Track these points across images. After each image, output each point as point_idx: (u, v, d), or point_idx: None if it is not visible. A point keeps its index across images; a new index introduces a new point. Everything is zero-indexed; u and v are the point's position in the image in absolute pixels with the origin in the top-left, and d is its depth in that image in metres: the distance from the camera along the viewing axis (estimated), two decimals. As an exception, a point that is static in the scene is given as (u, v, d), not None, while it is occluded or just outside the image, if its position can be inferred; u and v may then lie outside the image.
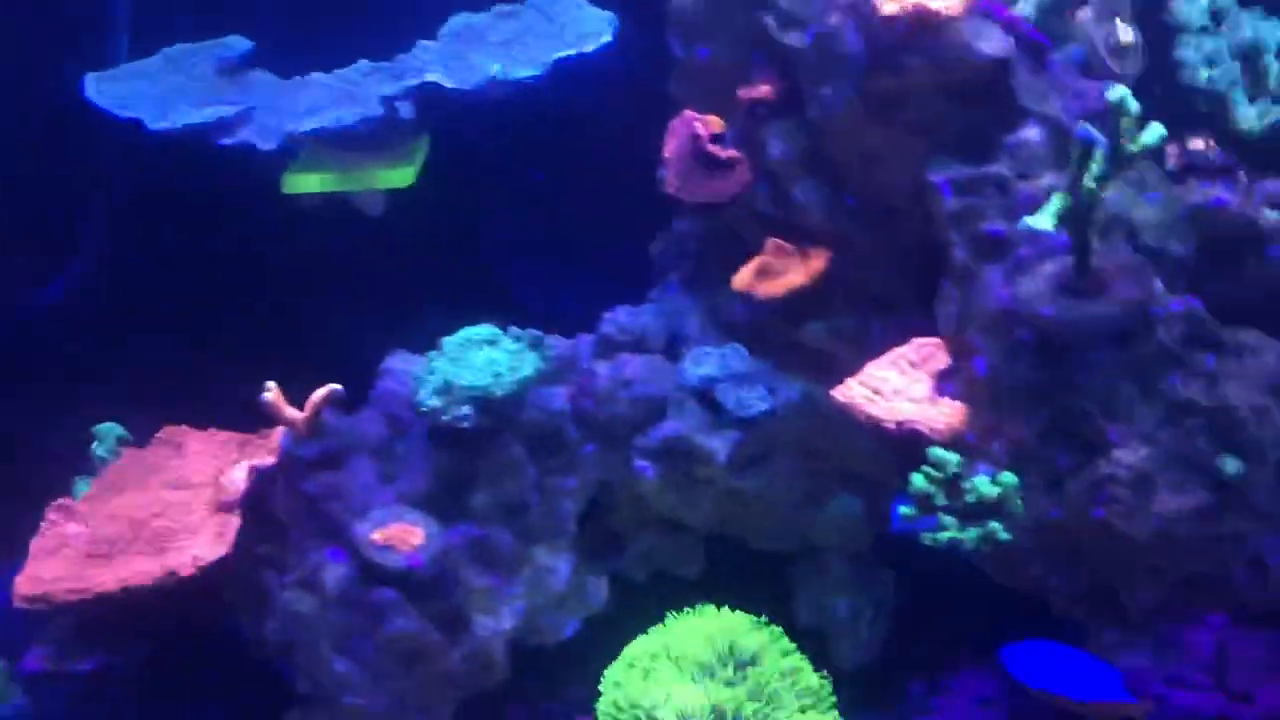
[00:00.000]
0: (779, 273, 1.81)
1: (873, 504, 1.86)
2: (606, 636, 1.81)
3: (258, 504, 1.78)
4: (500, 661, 1.78)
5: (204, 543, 1.76)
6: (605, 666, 1.76)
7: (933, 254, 1.73)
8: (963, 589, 1.76)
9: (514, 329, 1.80)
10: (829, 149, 1.76)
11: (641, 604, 1.87)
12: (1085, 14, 1.75)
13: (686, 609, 1.81)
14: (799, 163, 1.79)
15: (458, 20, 2.14)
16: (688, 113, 1.88)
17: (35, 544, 1.84)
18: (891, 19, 1.56)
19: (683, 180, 1.86)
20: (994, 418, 1.56)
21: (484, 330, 1.76)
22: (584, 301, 1.98)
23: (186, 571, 1.72)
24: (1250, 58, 1.78)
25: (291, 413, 1.73)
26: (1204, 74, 1.77)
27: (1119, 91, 1.41)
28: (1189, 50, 1.80)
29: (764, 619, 1.82)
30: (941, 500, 1.52)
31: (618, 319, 1.92)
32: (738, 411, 1.81)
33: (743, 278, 1.84)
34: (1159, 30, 1.81)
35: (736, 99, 1.83)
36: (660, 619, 1.81)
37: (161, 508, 1.87)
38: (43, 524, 1.87)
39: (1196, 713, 1.68)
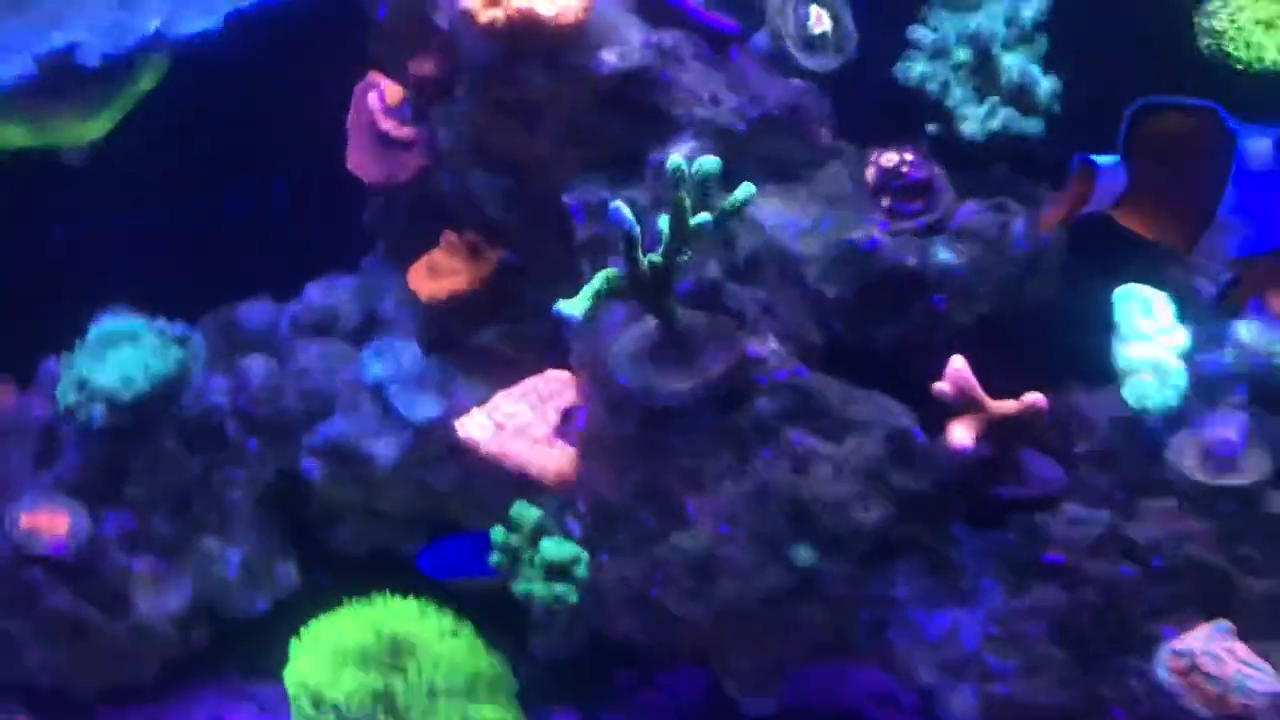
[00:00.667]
0: (446, 272, 1.69)
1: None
2: (318, 604, 1.83)
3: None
4: (167, 635, 1.81)
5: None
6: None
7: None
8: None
9: (161, 322, 1.73)
10: (488, 144, 1.60)
11: (355, 578, 1.89)
12: (775, -5, 1.52)
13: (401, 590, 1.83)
14: (466, 152, 1.64)
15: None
16: (371, 76, 1.73)
17: None
18: (491, 26, 1.38)
19: (362, 157, 1.74)
20: (589, 472, 1.46)
21: (126, 325, 1.71)
22: (298, 267, 1.90)
23: None
24: (980, 48, 1.54)
25: (-61, 396, 1.72)
26: (918, 69, 1.54)
27: (676, 160, 1.23)
28: (922, 31, 1.57)
29: (433, 607, 1.82)
30: (526, 555, 1.45)
31: (311, 295, 1.85)
32: (406, 415, 1.74)
33: (415, 272, 1.73)
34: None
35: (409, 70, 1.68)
36: (372, 591, 1.84)
37: None
38: None
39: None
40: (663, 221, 1.42)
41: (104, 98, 1.87)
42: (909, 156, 1.53)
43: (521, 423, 1.54)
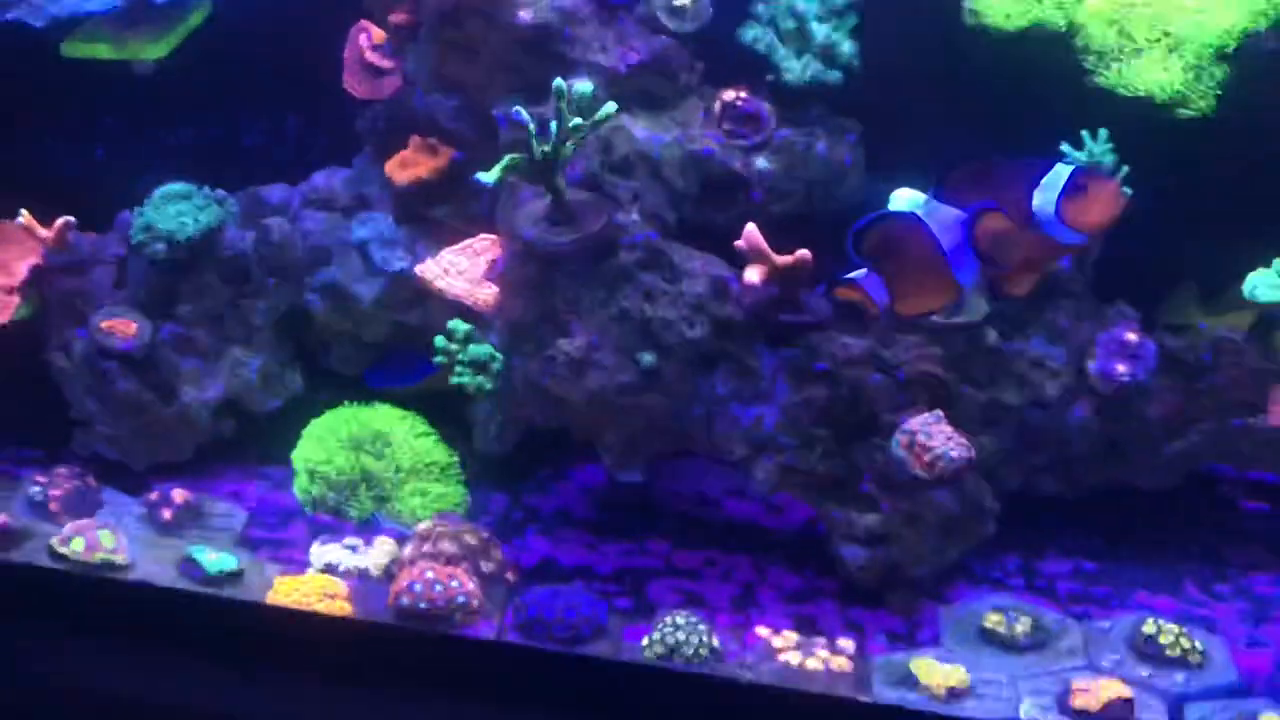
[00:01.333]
0: (413, 165, 2.34)
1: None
2: (315, 411, 2.48)
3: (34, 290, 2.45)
4: (204, 419, 2.45)
5: (-4, 314, 2.43)
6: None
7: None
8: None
9: (206, 188, 2.37)
10: (443, 73, 2.23)
11: (342, 392, 2.52)
12: (653, -26, 2.14)
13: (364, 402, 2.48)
14: (427, 78, 2.28)
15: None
16: (363, 22, 2.36)
17: None
18: (446, -11, 2.02)
19: (353, 80, 2.37)
20: (505, 302, 2.12)
21: (180, 187, 2.36)
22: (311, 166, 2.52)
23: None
24: (799, 20, 2.18)
25: (42, 232, 2.37)
26: (750, 33, 2.17)
27: (558, 82, 1.87)
28: (762, 7, 2.19)
29: (410, 414, 2.46)
30: (460, 356, 2.11)
31: (316, 181, 2.48)
32: (382, 266, 2.39)
33: (390, 164, 2.37)
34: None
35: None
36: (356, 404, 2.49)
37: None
38: None
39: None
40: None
41: (166, 27, 2.49)
42: (743, 94, 2.17)
43: (461, 268, 2.20)
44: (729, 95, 2.16)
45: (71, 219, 2.37)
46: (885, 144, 2.24)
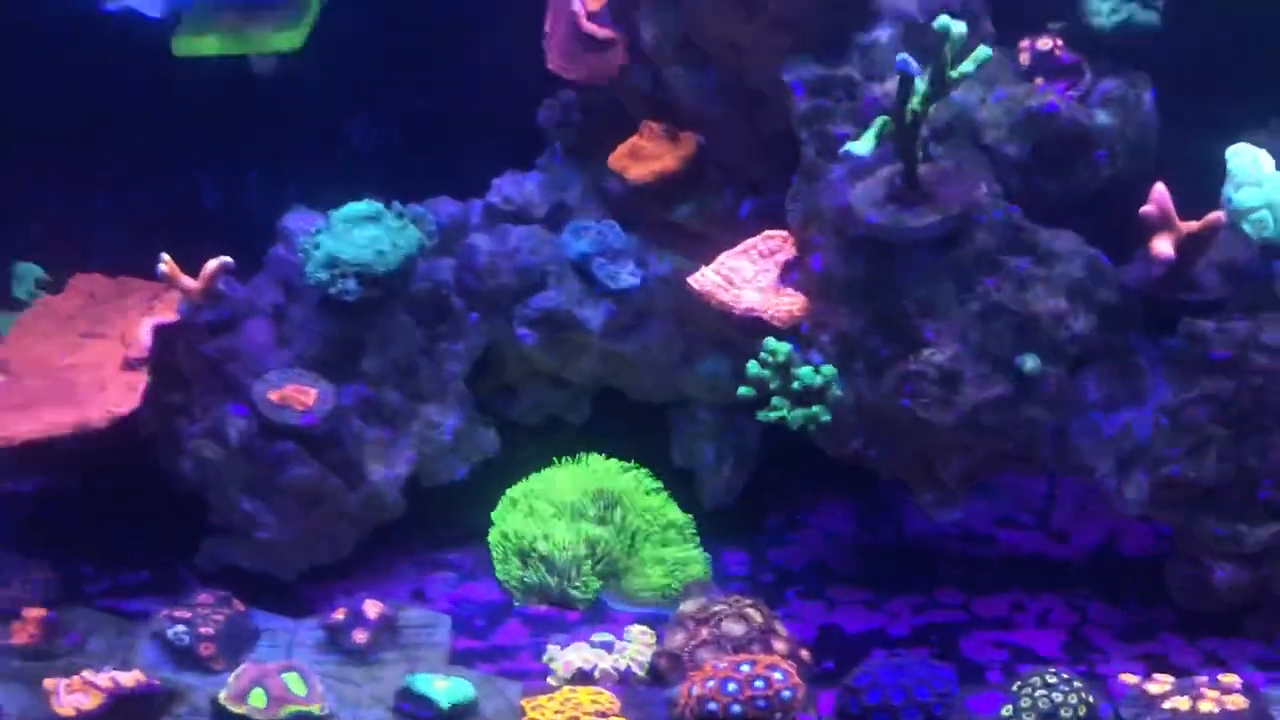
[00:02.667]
0: (650, 156, 1.90)
1: (739, 364, 2.00)
2: (505, 475, 2.02)
3: (163, 359, 1.91)
4: (394, 502, 1.96)
5: (116, 395, 1.87)
6: (497, 499, 1.99)
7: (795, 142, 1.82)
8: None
9: (396, 205, 1.88)
10: (698, 37, 1.81)
11: (533, 448, 2.07)
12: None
13: (566, 456, 2.01)
14: (671, 48, 1.84)
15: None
16: (568, -13, 1.91)
17: (-39, 391, 1.96)
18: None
19: (564, 58, 1.92)
20: (826, 310, 1.69)
21: (367, 207, 1.85)
22: (476, 165, 2.06)
23: (101, 424, 1.85)
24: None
25: (187, 281, 1.84)
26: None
27: (945, 20, 1.47)
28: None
29: (632, 464, 2.02)
30: (775, 385, 1.67)
31: (504, 188, 2.01)
32: (610, 284, 1.94)
33: (617, 157, 1.92)
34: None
35: (614, -23, 1.87)
36: (548, 460, 2.03)
37: (77, 358, 1.98)
38: (-34, 367, 1.99)
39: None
40: (877, 90, 1.67)
41: (297, 14, 2.00)
42: (1059, 41, 1.80)
43: (747, 275, 1.76)
44: (1045, 43, 1.79)
45: (227, 260, 1.83)
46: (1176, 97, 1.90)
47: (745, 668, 1.62)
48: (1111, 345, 1.69)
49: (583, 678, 1.76)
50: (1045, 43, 1.79)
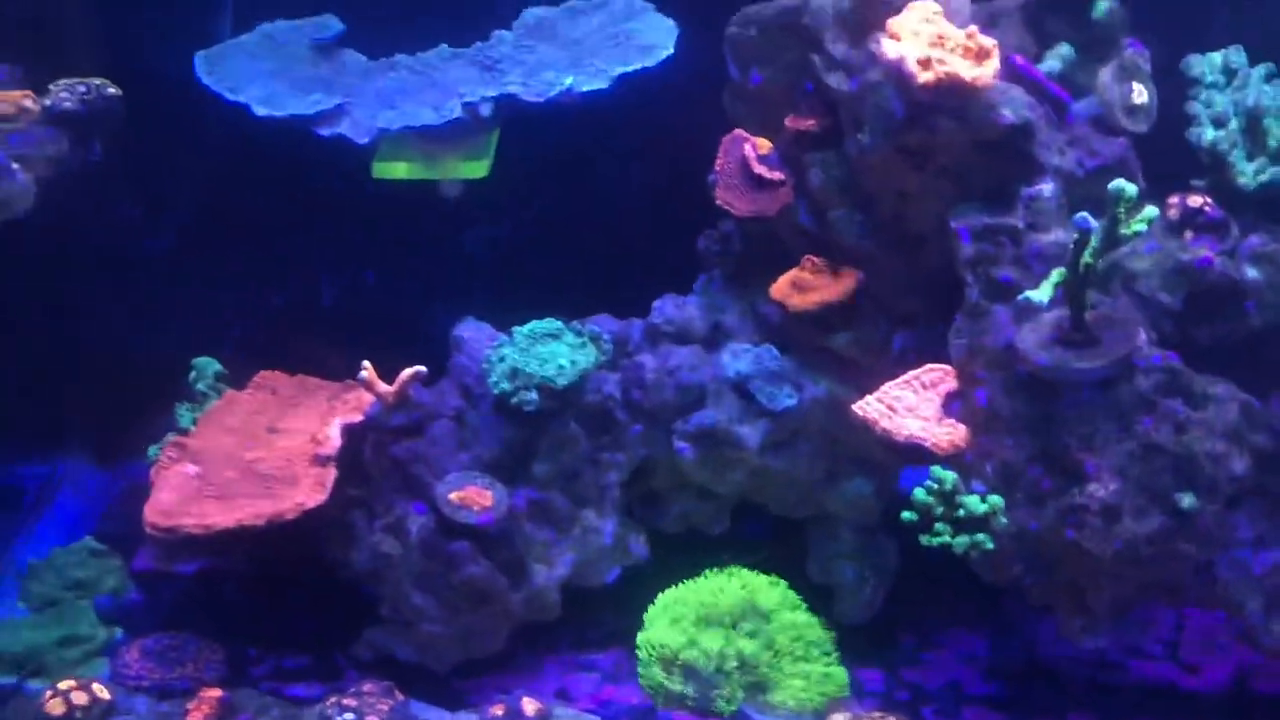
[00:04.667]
0: (812, 288, 2.00)
1: (882, 485, 2.08)
2: (647, 580, 2.08)
3: (350, 457, 2.01)
4: (554, 603, 2.03)
5: (305, 490, 1.98)
6: (645, 606, 2.03)
7: (952, 278, 1.91)
8: (956, 562, 1.97)
9: (575, 324, 2.00)
10: (863, 182, 1.92)
11: (676, 554, 2.12)
12: (1105, 74, 1.88)
13: (713, 566, 2.07)
14: (836, 190, 1.96)
15: (531, 14, 2.27)
16: (739, 132, 2.04)
17: (156, 477, 2.07)
18: (927, 86, 1.71)
19: (731, 194, 2.03)
20: (990, 442, 1.76)
21: (549, 324, 1.97)
22: (637, 288, 2.17)
23: (291, 515, 1.95)
24: (1253, 118, 1.92)
25: (382, 387, 1.95)
26: (1209, 134, 1.91)
27: (1119, 183, 1.57)
28: (1199, 107, 1.93)
29: (778, 579, 2.07)
30: (939, 511, 1.73)
31: (665, 310, 2.11)
32: (768, 405, 2.02)
33: (780, 288, 2.02)
34: (1175, 85, 1.95)
35: (784, 124, 1.99)
36: (690, 567, 2.08)
37: (265, 453, 2.09)
38: (162, 458, 2.11)
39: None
40: (1040, 240, 1.76)
41: (481, 147, 2.15)
42: (1208, 200, 1.89)
43: (910, 404, 1.84)
44: (1195, 200, 1.88)
45: (421, 369, 1.95)
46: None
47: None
48: (1265, 486, 1.74)
49: (727, 784, 1.80)
50: (1195, 200, 1.88)
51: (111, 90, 2.08)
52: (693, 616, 2.01)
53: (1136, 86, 1.88)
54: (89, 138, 2.05)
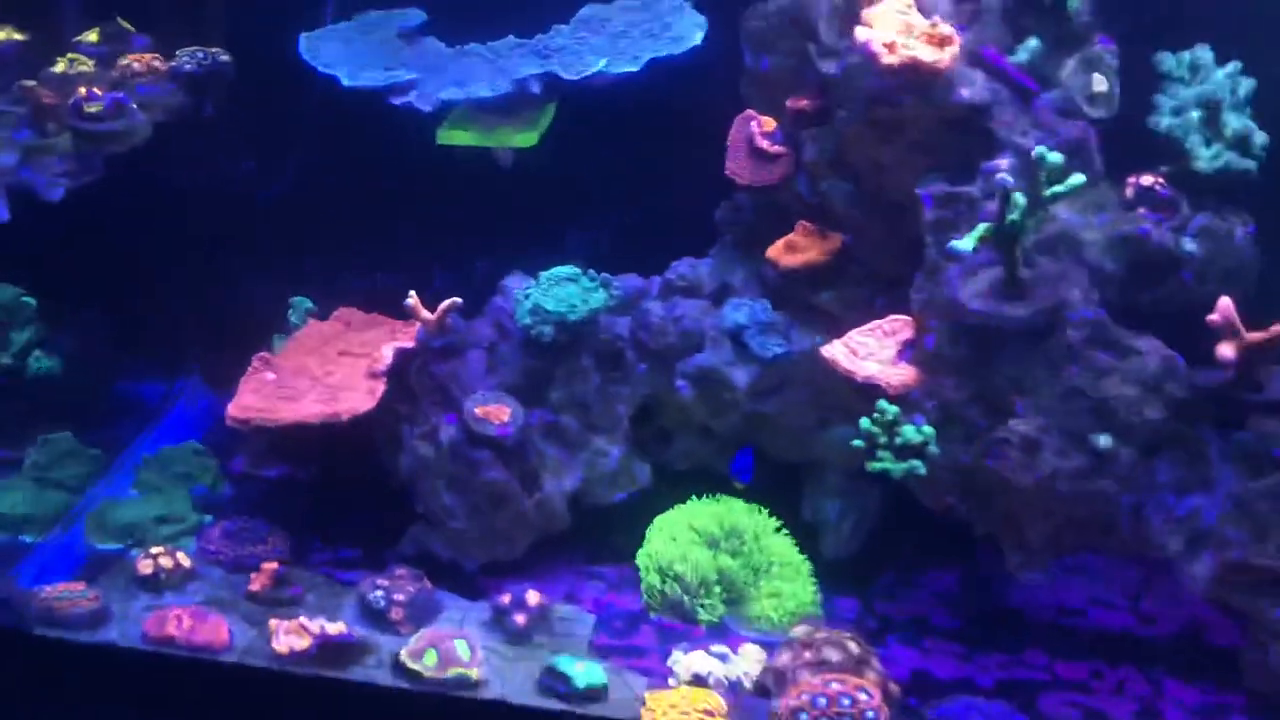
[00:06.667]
0: (801, 249, 2.22)
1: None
2: (650, 505, 2.32)
3: (398, 375, 2.32)
4: (561, 513, 2.29)
5: (358, 398, 2.29)
6: (646, 527, 2.28)
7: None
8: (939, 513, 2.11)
9: (591, 271, 2.26)
10: (847, 155, 2.14)
11: (680, 486, 2.36)
12: (1069, 64, 2.05)
13: (706, 495, 2.30)
14: (827, 163, 2.18)
15: (587, 9, 2.55)
16: (749, 112, 2.28)
17: (243, 382, 2.40)
18: (890, 67, 1.92)
19: (738, 166, 2.27)
20: (934, 382, 1.95)
21: (567, 270, 2.24)
22: (660, 250, 2.42)
23: (345, 417, 2.25)
24: (1211, 109, 2.05)
25: (426, 314, 2.26)
26: (1165, 121, 2.05)
27: (1041, 149, 1.75)
28: (1162, 98, 2.08)
29: (760, 508, 2.28)
30: (882, 440, 1.93)
31: (680, 268, 2.37)
32: (759, 352, 2.25)
33: (774, 249, 2.25)
34: (1143, 76, 2.10)
35: (786, 105, 2.22)
36: (692, 498, 2.32)
37: (333, 368, 2.42)
38: (249, 368, 2.44)
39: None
40: (994, 207, 1.95)
41: (532, 118, 2.44)
42: (1160, 179, 2.04)
43: (871, 350, 2.04)
44: (1147, 180, 2.03)
45: (458, 300, 2.26)
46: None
47: (835, 685, 1.85)
48: (1183, 435, 1.88)
49: (698, 681, 2.01)
50: (1147, 179, 2.03)
51: (224, 57, 2.46)
52: (687, 536, 2.24)
53: (1097, 76, 2.04)
54: (203, 95, 2.43)
